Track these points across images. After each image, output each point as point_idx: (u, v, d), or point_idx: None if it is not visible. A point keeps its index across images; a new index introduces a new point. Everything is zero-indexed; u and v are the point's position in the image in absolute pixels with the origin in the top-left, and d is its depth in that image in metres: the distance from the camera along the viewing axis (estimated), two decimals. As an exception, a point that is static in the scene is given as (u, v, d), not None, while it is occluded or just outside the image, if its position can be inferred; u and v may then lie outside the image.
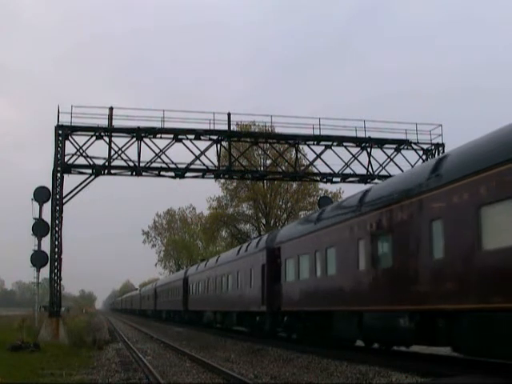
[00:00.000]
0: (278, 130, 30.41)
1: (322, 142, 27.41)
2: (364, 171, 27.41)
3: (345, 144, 27.48)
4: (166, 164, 26.33)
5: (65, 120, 25.66)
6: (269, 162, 39.18)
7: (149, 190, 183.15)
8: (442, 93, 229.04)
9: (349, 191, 35.25)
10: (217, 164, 27.01)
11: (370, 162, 27.45)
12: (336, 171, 27.28)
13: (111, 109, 26.13)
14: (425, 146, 27.89)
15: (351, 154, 27.48)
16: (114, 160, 25.94)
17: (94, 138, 25.87)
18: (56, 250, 25.25)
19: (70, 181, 26.23)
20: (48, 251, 25.14)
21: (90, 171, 26.12)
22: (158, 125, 26.09)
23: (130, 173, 26.54)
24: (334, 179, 28.30)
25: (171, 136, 26.38)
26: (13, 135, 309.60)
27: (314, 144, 27.65)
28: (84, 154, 25.87)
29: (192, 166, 26.55)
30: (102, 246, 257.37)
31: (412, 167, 24.75)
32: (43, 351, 18.45)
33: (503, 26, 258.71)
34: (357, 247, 15.60)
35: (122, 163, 26.24)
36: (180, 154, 27.23)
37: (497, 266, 10.51)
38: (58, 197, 25.46)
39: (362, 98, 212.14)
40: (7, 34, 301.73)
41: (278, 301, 21.70)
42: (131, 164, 26.06)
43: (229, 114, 26.79)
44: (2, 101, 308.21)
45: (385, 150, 27.76)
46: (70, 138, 25.89)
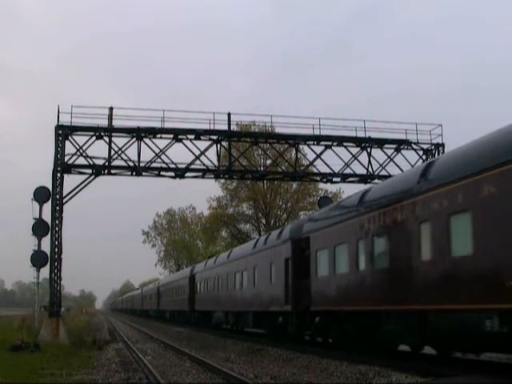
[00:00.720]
0: (278, 130, 30.50)
1: (322, 142, 27.42)
2: (364, 171, 27.42)
3: (345, 144, 27.49)
4: (166, 164, 26.35)
5: (65, 120, 25.74)
6: (269, 162, 39.21)
7: (149, 189, 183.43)
8: (442, 93, 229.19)
9: (349, 191, 35.21)
10: (217, 164, 27.02)
11: (370, 162, 27.48)
12: (336, 171, 27.29)
13: (111, 109, 26.15)
14: (425, 146, 27.91)
15: (351, 154, 27.51)
16: (113, 160, 25.96)
17: (94, 138, 25.88)
18: (56, 249, 25.26)
19: (70, 181, 26.32)
20: (48, 251, 25.16)
21: (89, 171, 26.15)
22: (158, 125, 26.14)
23: (130, 173, 26.56)
24: (334, 179, 28.32)
25: (171, 136, 26.39)
26: (13, 135, 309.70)
27: (314, 144, 27.66)
28: (84, 154, 25.89)
29: (192, 166, 26.56)
30: (102, 246, 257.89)
31: (412, 167, 24.71)
32: (43, 351, 18.44)
33: (503, 25, 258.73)
34: (419, 232, 12.82)
35: (122, 163, 26.27)
36: (180, 154, 27.29)
37: None
38: (57, 197, 25.47)
39: (361, 98, 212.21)
40: (7, 34, 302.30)
41: (307, 299, 18.79)
42: (131, 164, 26.07)
43: (229, 114, 26.82)
44: (1, 101, 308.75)
45: (385, 150, 27.78)
46: (69, 137, 25.90)
